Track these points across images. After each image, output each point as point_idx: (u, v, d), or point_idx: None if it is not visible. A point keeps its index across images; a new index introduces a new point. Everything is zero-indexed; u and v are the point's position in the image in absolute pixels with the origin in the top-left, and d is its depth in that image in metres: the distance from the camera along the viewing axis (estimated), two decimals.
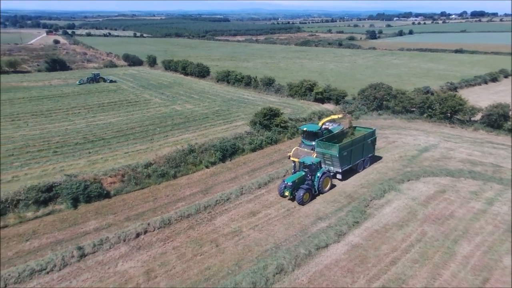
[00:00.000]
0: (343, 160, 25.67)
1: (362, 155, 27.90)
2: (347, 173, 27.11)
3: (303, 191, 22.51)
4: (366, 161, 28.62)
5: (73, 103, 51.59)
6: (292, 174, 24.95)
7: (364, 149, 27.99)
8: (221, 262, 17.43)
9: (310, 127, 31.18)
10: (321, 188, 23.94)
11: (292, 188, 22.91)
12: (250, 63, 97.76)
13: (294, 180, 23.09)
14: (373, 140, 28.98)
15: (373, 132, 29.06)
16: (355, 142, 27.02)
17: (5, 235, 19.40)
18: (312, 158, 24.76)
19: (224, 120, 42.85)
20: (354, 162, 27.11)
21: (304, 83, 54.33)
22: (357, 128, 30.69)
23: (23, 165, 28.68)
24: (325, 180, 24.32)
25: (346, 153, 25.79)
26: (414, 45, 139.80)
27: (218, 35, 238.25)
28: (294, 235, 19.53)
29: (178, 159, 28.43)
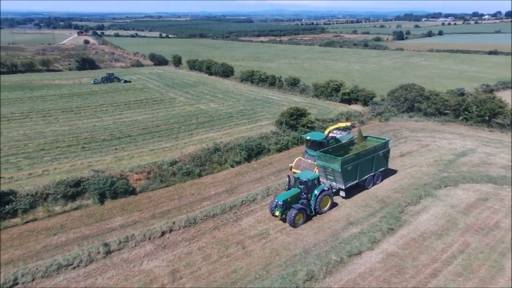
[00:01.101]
0: (347, 176, 22.51)
1: (372, 170, 24.36)
2: (353, 190, 23.64)
3: (295, 211, 19.43)
4: (377, 176, 25.10)
5: (101, 100, 52.63)
6: (286, 191, 21.45)
7: (375, 162, 24.38)
8: (248, 266, 16.74)
9: (314, 136, 27.23)
10: (319, 209, 20.82)
11: (283, 207, 19.88)
12: (274, 64, 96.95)
13: (286, 199, 19.99)
14: (385, 152, 25.45)
15: (386, 143, 25.59)
16: (362, 154, 23.56)
17: (34, 228, 19.55)
18: (310, 173, 21.50)
19: (249, 120, 42.30)
20: (361, 178, 23.70)
21: (331, 83, 52.95)
22: (368, 138, 27.34)
23: (53, 159, 29.20)
24: (324, 199, 21.11)
25: (351, 167, 22.61)
26: (444, 46, 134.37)
27: (241, 35, 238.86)
28: (324, 240, 18.57)
29: (203, 157, 28.04)
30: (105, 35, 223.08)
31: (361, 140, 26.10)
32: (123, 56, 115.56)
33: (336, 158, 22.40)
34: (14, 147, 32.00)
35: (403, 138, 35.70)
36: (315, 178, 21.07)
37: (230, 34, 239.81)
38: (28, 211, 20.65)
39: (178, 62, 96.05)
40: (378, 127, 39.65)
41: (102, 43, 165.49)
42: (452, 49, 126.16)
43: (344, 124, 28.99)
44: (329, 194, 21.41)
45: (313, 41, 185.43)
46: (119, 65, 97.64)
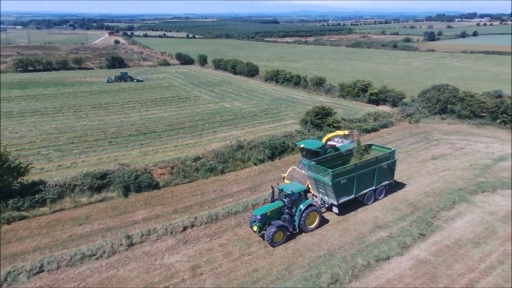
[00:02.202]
0: (340, 190, 19.85)
1: (373, 183, 21.53)
2: (351, 205, 21.07)
3: (275, 229, 17.16)
4: (380, 190, 22.22)
5: (128, 97, 53.83)
6: (269, 203, 19.27)
7: (377, 175, 21.51)
8: (270, 265, 16.24)
9: (310, 144, 24.57)
10: (304, 226, 18.39)
11: (262, 222, 17.73)
12: (299, 64, 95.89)
13: (265, 213, 17.77)
14: (391, 164, 22.33)
15: (391, 153, 22.40)
16: (360, 166, 20.72)
17: (61, 218, 19.97)
18: (296, 186, 19.06)
19: (273, 119, 41.82)
20: (359, 193, 20.95)
21: (358, 84, 51.51)
22: (373, 146, 24.50)
23: (81, 152, 29.97)
24: (311, 215, 18.68)
25: (345, 180, 19.92)
26: (479, 47, 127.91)
27: (267, 36, 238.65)
28: (350, 243, 17.76)
29: (227, 154, 27.83)
30: (134, 36, 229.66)
31: (359, 150, 22.69)
32: (151, 56, 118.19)
33: (327, 170, 19.62)
34: (46, 139, 33.14)
35: (434, 140, 34.00)
36: (301, 191, 18.56)
37: (255, 35, 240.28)
38: (56, 201, 21.15)
39: (203, 61, 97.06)
40: (407, 128, 38.05)
41: (131, 43, 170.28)
42: (487, 50, 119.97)
43: (342, 133, 25.27)
44: (317, 210, 18.84)
45: (340, 42, 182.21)
46: (146, 64, 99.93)
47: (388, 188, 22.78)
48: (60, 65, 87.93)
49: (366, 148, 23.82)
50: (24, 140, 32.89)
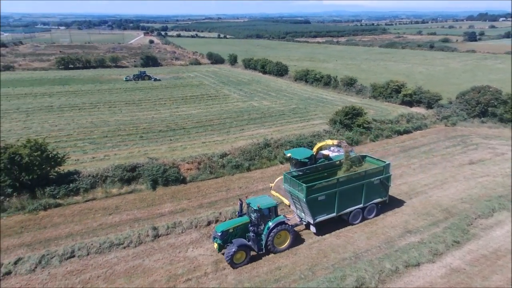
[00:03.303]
0: (316, 207, 17.55)
1: (360, 201, 18.97)
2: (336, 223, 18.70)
3: (235, 248, 15.29)
4: (370, 209, 19.54)
5: (160, 94, 55.32)
6: (235, 218, 17.59)
7: (366, 192, 18.91)
8: (293, 264, 15.96)
9: (297, 153, 22.40)
10: (272, 246, 16.33)
11: (223, 239, 15.95)
12: (330, 64, 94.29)
13: (226, 230, 16.01)
14: (384, 179, 19.54)
15: (385, 167, 19.56)
16: (344, 181, 18.28)
17: (92, 207, 20.80)
18: (266, 200, 16.94)
19: (301, 118, 41.35)
20: (341, 211, 18.48)
21: (391, 84, 49.79)
22: (367, 158, 21.64)
23: (114, 146, 31.12)
24: (282, 234, 16.61)
25: (323, 197, 17.54)
26: None
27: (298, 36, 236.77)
28: (377, 246, 17.10)
29: (253, 152, 27.80)
30: (168, 36, 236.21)
31: (348, 163, 20.07)
32: (183, 55, 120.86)
33: (301, 184, 17.31)
34: (82, 133, 34.73)
35: (473, 144, 32.12)
36: (270, 206, 16.54)
37: (286, 35, 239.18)
38: (89, 191, 22.06)
39: (234, 61, 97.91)
40: (443, 131, 36.23)
41: (165, 43, 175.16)
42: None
43: (332, 142, 22.71)
44: (288, 229, 16.65)
45: (373, 42, 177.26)
46: (178, 63, 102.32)
47: (380, 206, 19.98)
48: (98, 63, 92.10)
49: (360, 159, 21.17)
50: (63, 132, 34.66)
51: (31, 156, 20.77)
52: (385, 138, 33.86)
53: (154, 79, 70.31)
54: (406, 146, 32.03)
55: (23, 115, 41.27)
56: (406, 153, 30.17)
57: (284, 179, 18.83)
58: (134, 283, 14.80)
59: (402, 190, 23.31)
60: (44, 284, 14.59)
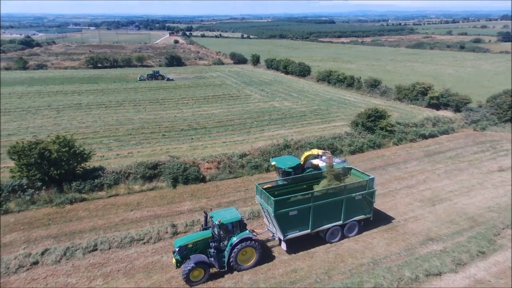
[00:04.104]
0: (287, 223, 16.21)
1: (340, 218, 17.41)
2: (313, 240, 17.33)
3: (192, 265, 14.28)
4: (350, 227, 17.97)
5: (183, 94, 56.32)
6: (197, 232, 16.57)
7: (346, 208, 17.38)
8: (309, 267, 15.84)
9: (282, 162, 21.10)
10: (236, 264, 15.26)
11: (181, 255, 14.91)
12: (354, 65, 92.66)
13: (185, 244, 14.94)
14: (367, 195, 17.89)
15: (369, 182, 17.90)
16: (320, 196, 16.89)
17: (115, 202, 21.49)
18: (230, 214, 15.67)
19: (322, 120, 40.93)
20: (317, 227, 17.05)
21: (417, 86, 48.44)
22: (353, 171, 20.01)
23: (137, 143, 31.99)
24: (248, 251, 15.47)
25: (295, 212, 16.21)
26: None
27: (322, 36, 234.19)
28: (397, 253, 16.67)
29: (273, 153, 27.77)
30: (192, 36, 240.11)
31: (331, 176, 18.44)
32: (207, 55, 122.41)
33: (270, 197, 15.95)
34: (108, 130, 35.92)
35: (503, 151, 30.66)
36: (234, 221, 15.30)
37: (309, 35, 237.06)
38: (112, 187, 22.80)
39: (256, 61, 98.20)
40: (471, 136, 34.81)
41: (189, 43, 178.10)
42: None
43: (317, 152, 20.74)
44: (254, 246, 15.42)
45: (399, 43, 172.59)
46: (202, 63, 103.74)
47: (363, 224, 18.42)
48: (124, 62, 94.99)
49: (345, 172, 19.75)
50: (89, 129, 35.99)
51: (59, 152, 21.71)
52: (409, 141, 32.94)
53: (167, 79, 70.95)
54: (431, 150, 31.02)
55: (54, 112, 43.18)
56: (431, 158, 29.22)
57: (256, 190, 17.52)
58: (152, 278, 15.16)
59: (425, 196, 22.61)
60: (68, 276, 15.22)
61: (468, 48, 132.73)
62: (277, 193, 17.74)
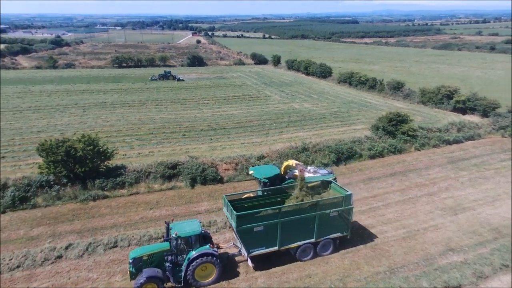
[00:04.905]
0: (251, 239, 15.31)
1: (312, 235, 16.30)
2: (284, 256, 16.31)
3: (143, 279, 13.54)
4: (325, 245, 16.83)
5: (204, 94, 57.08)
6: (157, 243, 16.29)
7: (319, 225, 16.21)
8: (323, 273, 15.77)
9: (259, 172, 20.08)
10: (193, 279, 14.42)
11: (136, 267, 14.21)
12: (377, 66, 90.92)
13: (139, 256, 14.31)
14: (343, 211, 16.68)
15: (346, 198, 16.63)
16: (289, 212, 15.91)
17: (135, 201, 22.12)
18: (190, 226, 14.88)
19: (342, 122, 40.45)
20: (285, 245, 16.00)
21: (442, 89, 47.04)
22: (332, 185, 18.59)
23: (158, 143, 32.75)
24: (208, 267, 14.64)
25: (261, 228, 15.25)
26: None
27: (344, 37, 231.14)
28: (415, 263, 16.30)
29: (290, 155, 27.70)
30: (214, 36, 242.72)
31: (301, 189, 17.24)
32: (228, 55, 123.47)
33: (233, 211, 15.13)
34: (130, 129, 36.95)
35: None
36: (192, 234, 14.48)
37: (332, 35, 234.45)
38: (133, 185, 23.47)
39: (277, 61, 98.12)
40: (499, 143, 33.47)
41: (211, 43, 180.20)
42: None
43: (292, 163, 19.84)
44: (213, 262, 14.55)
45: (425, 43, 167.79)
46: (223, 63, 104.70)
47: (338, 242, 17.22)
48: (148, 62, 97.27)
49: (324, 185, 18.64)
50: (113, 128, 37.15)
51: (84, 150, 22.56)
52: (432, 147, 32.05)
53: (177, 79, 71.04)
54: (455, 157, 30.06)
55: (80, 110, 44.84)
56: (455, 165, 28.32)
57: (223, 202, 16.73)
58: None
59: (447, 204, 21.96)
60: (89, 270, 15.83)
61: (499, 50, 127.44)
62: (247, 206, 17.01)
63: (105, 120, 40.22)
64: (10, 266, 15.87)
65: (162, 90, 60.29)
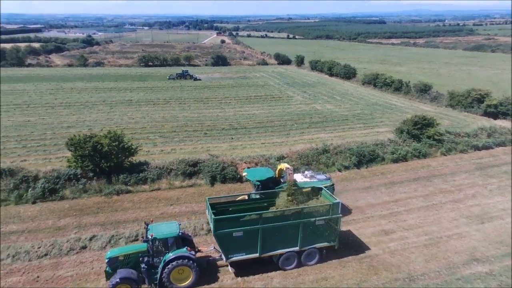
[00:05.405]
0: (229, 245, 15.00)
1: (296, 244, 15.72)
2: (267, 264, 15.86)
3: (117, 280, 13.39)
4: (310, 254, 16.19)
5: (226, 93, 57.63)
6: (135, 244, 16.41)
7: (304, 233, 15.65)
8: (340, 276, 15.60)
9: (252, 174, 19.97)
10: (169, 282, 14.22)
11: (111, 267, 14.15)
12: (403, 68, 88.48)
13: (115, 256, 14.26)
14: (331, 220, 15.97)
15: (333, 206, 15.92)
16: (270, 218, 15.48)
17: (157, 196, 22.71)
18: (168, 228, 14.76)
19: (365, 124, 39.72)
20: (267, 252, 15.54)
21: (472, 93, 45.18)
22: (323, 192, 17.81)
23: (180, 141, 33.42)
24: (185, 270, 14.38)
25: (241, 233, 14.88)
26: None
27: (370, 37, 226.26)
28: (436, 271, 15.81)
29: (310, 157, 27.57)
30: (239, 36, 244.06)
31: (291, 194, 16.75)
32: (251, 55, 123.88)
33: (212, 215, 14.96)
34: (154, 126, 37.91)
35: None
36: (170, 236, 14.31)
37: (357, 36, 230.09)
38: (155, 181, 24.10)
39: (300, 62, 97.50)
40: None
41: (235, 43, 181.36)
42: None
43: (283, 166, 19.45)
44: (189, 265, 14.26)
45: (456, 45, 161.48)
46: (246, 63, 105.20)
47: (324, 252, 16.45)
48: (173, 61, 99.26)
49: (315, 191, 18.00)
50: (138, 125, 38.24)
51: (110, 146, 23.41)
52: (459, 152, 30.90)
53: (194, 78, 71.82)
54: (483, 163, 28.84)
55: (108, 107, 46.45)
56: (483, 171, 27.17)
57: (206, 204, 16.46)
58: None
59: (473, 212, 21.13)
60: None
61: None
62: (231, 209, 16.86)
63: (130, 117, 41.46)
64: (39, 253, 16.75)
65: (186, 89, 61.39)
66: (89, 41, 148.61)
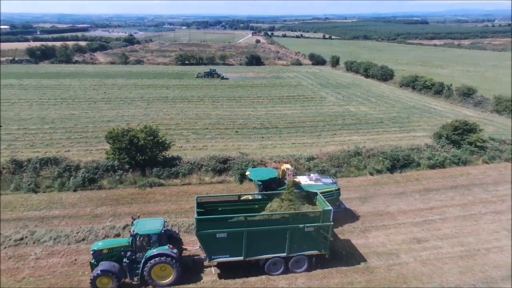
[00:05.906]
0: (213, 245, 14.70)
1: (284, 249, 15.22)
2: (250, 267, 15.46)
3: (98, 272, 13.66)
4: (298, 261, 15.62)
5: (259, 93, 57.91)
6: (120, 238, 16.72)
7: (292, 240, 15.11)
8: (367, 282, 15.21)
9: (255, 174, 19.64)
10: (150, 279, 14.30)
11: (96, 259, 14.47)
12: (445, 70, 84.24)
13: (100, 249, 14.54)
14: (322, 228, 15.17)
15: (323, 213, 15.12)
16: (257, 221, 15.00)
17: (187, 191, 23.35)
18: (152, 224, 14.93)
19: (401, 128, 38.31)
20: (252, 255, 15.14)
21: None
22: (317, 198, 16.94)
23: (212, 138, 34.10)
24: (166, 268, 14.35)
25: (225, 235, 14.55)
26: None
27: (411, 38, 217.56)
28: (471, 284, 14.98)
29: (341, 159, 27.06)
30: (274, 36, 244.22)
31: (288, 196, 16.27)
32: (286, 55, 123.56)
33: (195, 215, 15.02)
34: (188, 123, 38.96)
35: None
36: (151, 233, 14.41)
37: (397, 36, 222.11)
38: (186, 176, 24.80)
39: (335, 62, 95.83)
40: None
41: (270, 43, 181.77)
42: None
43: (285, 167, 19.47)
44: (170, 263, 14.23)
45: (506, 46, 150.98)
46: (280, 63, 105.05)
47: (315, 260, 15.75)
48: (208, 60, 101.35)
49: (309, 195, 17.38)
50: (172, 121, 39.49)
51: (145, 140, 24.43)
52: (504, 161, 28.95)
53: (221, 77, 72.35)
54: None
55: (145, 103, 48.36)
56: None
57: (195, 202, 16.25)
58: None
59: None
60: None
61: None
62: (221, 209, 16.62)
63: (165, 114, 42.89)
64: (77, 238, 17.87)
65: (219, 87, 62.45)
66: (130, 40, 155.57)
